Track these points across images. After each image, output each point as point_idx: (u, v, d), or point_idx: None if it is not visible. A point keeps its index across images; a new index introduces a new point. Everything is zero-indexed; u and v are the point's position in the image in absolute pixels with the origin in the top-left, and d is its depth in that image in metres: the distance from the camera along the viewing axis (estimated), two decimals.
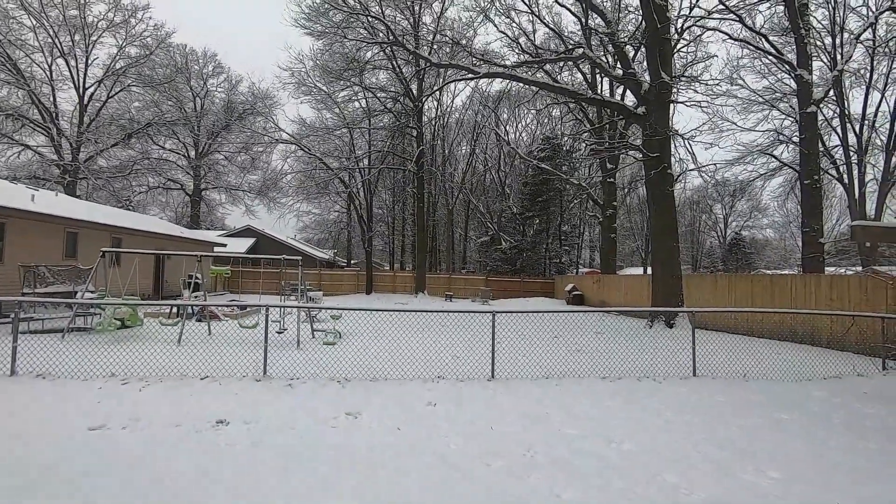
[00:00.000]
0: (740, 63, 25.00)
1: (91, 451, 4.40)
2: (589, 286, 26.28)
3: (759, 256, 48.71)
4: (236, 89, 45.94)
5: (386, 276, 34.80)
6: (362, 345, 10.42)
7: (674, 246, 15.28)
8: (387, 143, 34.45)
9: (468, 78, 20.45)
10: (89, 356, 7.69)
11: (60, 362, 7.36)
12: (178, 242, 24.09)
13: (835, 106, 23.74)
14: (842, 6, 22.98)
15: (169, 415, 5.45)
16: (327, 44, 28.04)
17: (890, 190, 22.62)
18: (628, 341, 11.81)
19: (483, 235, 43.65)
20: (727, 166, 25.53)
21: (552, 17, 27.82)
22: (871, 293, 10.37)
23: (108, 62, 36.74)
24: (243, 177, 47.89)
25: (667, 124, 15.47)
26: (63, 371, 7.09)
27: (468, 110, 42.45)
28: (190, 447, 4.57)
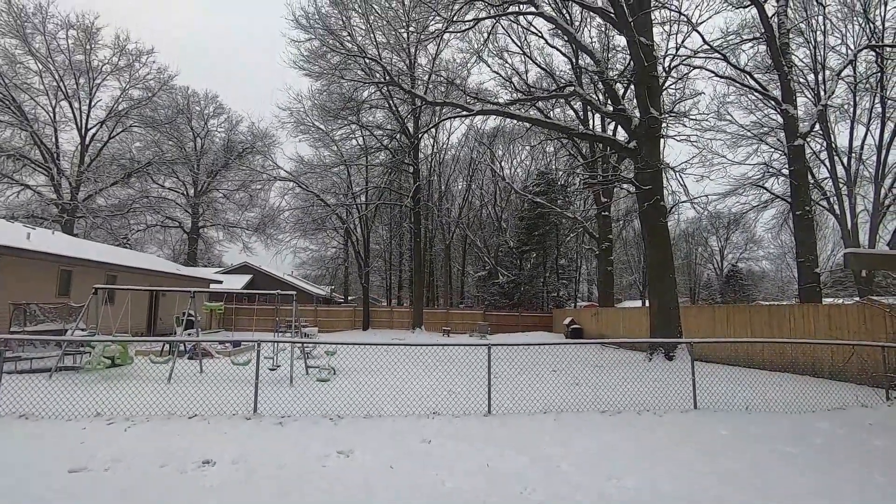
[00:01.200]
0: (727, 99, 25.80)
1: (68, 496, 4.21)
2: (587, 320, 26.08)
3: (757, 288, 48.72)
4: (236, 129, 46.92)
5: (383, 312, 34.53)
6: (357, 381, 10.21)
7: (670, 278, 15.27)
8: (384, 180, 34.90)
9: (463, 115, 20.93)
10: (75, 395, 7.50)
11: (45, 402, 7.16)
12: (174, 280, 23.98)
13: (822, 139, 24.28)
14: (822, 45, 23.90)
15: (153, 455, 5.26)
16: (325, 84, 28.83)
17: (882, 220, 22.85)
18: (627, 374, 11.61)
19: (480, 270, 43.64)
20: (720, 198, 25.87)
21: (543, 57, 28.82)
22: (869, 322, 10.30)
23: (111, 104, 37.64)
24: (241, 214, 48.25)
25: (658, 158, 15.76)
26: (47, 411, 6.89)
27: (464, 147, 43.30)
28: (173, 488, 4.39)
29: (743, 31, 22.71)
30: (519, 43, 27.25)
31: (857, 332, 10.51)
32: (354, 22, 27.74)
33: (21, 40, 32.97)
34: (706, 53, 21.51)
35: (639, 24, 15.66)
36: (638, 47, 15.39)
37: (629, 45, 16.23)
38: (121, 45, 37.06)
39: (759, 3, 19.20)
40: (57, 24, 34.25)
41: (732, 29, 23.58)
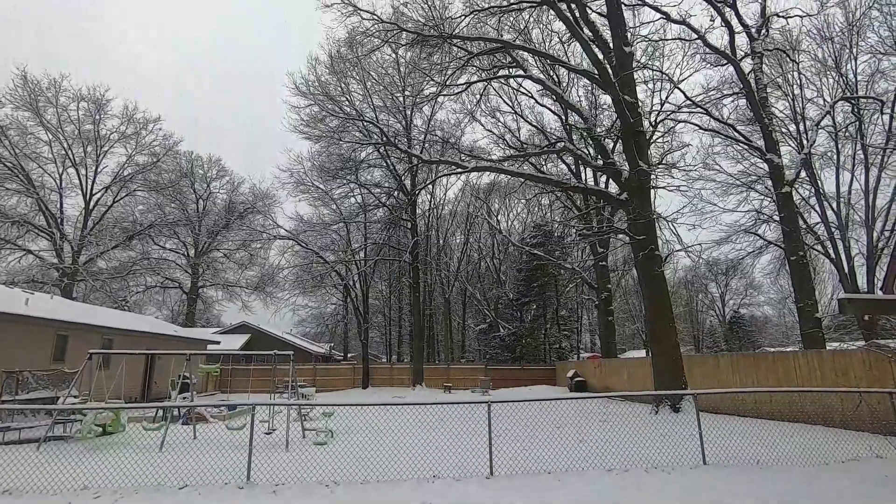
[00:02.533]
0: (714, 150, 26.51)
1: None
2: (591, 372, 25.57)
3: (761, 334, 48.12)
4: (238, 190, 47.97)
5: (383, 369, 33.87)
6: (355, 443, 9.89)
7: (671, 327, 15.15)
8: (382, 236, 35.33)
9: (458, 172, 21.55)
10: (63, 467, 7.24)
11: (31, 476, 6.92)
12: (171, 342, 23.71)
13: (809, 185, 24.87)
14: (799, 97, 25.02)
15: None
16: (324, 146, 29.83)
17: (877, 263, 22.97)
18: (634, 429, 11.27)
19: (481, 323, 43.26)
20: (714, 246, 26.14)
21: (534, 115, 30.03)
22: (875, 368, 10.14)
23: (116, 170, 38.70)
24: (241, 273, 48.37)
25: (649, 209, 16.07)
26: (32, 485, 6.64)
27: (461, 202, 44.18)
28: None
29: (723, 87, 23.88)
30: (510, 103, 28.55)
31: (863, 377, 10.33)
32: (352, 87, 29.17)
33: (34, 112, 34.42)
34: (690, 108, 22.53)
35: (622, 83, 16.47)
36: (623, 105, 16.10)
37: (614, 104, 16.98)
38: (129, 114, 38.67)
39: (734, 61, 20.28)
40: (69, 97, 35.90)
41: (713, 85, 24.82)
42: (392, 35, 19.41)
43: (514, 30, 21.64)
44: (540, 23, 22.98)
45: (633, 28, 21.34)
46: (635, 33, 21.70)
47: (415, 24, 19.29)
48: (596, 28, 17.83)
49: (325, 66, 28.15)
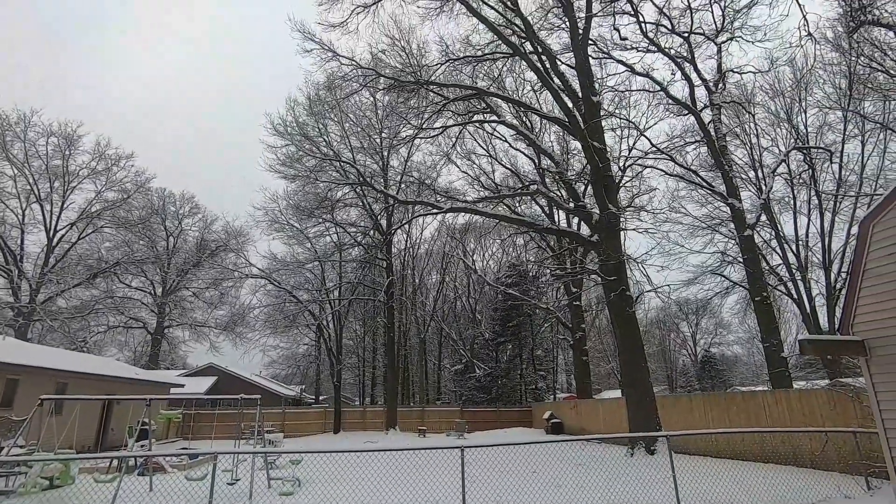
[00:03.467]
0: (680, 194, 27.65)
1: None
2: (567, 413, 25.34)
3: (732, 373, 48.79)
4: (210, 228, 47.19)
5: (355, 413, 32.83)
6: (324, 493, 9.44)
7: (643, 367, 15.28)
8: (357, 275, 35.05)
9: (433, 213, 21.83)
10: None
11: None
12: (131, 385, 22.55)
13: (770, 229, 26.03)
14: (756, 146, 26.55)
15: None
16: (300, 185, 29.86)
17: (836, 303, 23.88)
18: (609, 473, 11.11)
19: (457, 363, 42.71)
20: (683, 286, 26.80)
21: (509, 158, 30.91)
22: (839, 406, 10.38)
23: (84, 206, 37.72)
24: (210, 312, 46.90)
25: (619, 250, 16.49)
26: None
27: (436, 241, 44.45)
28: None
29: (686, 135, 25.16)
30: (485, 146, 29.40)
31: (828, 416, 10.53)
32: (330, 128, 29.60)
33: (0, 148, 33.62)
34: (655, 155, 23.59)
35: (591, 130, 17.21)
36: (592, 151, 16.77)
37: (584, 149, 17.67)
38: (101, 150, 38.11)
39: (695, 112, 21.50)
40: (38, 132, 35.27)
41: (676, 133, 26.14)
42: (370, 80, 19.99)
43: (488, 77, 22.56)
44: (513, 72, 24.06)
45: (600, 79, 22.56)
46: (603, 84, 22.93)
47: (392, 70, 19.94)
48: (565, 78, 18.76)
49: (303, 107, 28.62)
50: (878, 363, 6.40)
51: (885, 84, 21.40)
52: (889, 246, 6.33)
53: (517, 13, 18.58)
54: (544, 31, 20.77)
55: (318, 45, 19.20)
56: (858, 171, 23.79)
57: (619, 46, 22.21)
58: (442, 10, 19.89)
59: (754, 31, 20.69)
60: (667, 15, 21.04)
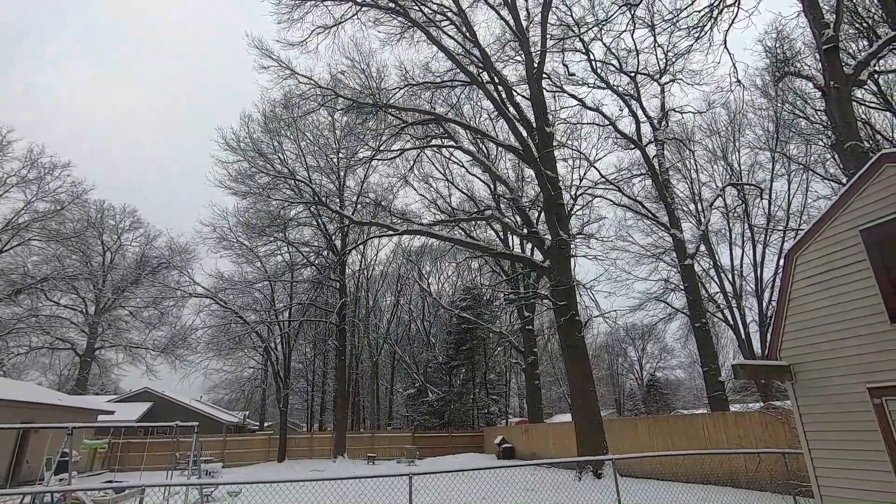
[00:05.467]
0: (627, 223, 29.03)
1: None
2: (518, 437, 25.38)
3: (675, 396, 50.61)
4: (153, 243, 44.73)
5: (302, 440, 31.51)
6: None
7: (591, 391, 15.60)
8: (309, 296, 34.13)
9: (389, 234, 21.72)
10: None
11: None
12: (53, 412, 20.71)
13: (709, 259, 27.64)
14: (696, 181, 28.33)
15: None
16: (252, 202, 29.03)
17: (768, 329, 25.43)
18: (558, 497, 11.16)
19: (410, 387, 42.06)
20: (629, 312, 27.81)
21: (465, 183, 31.42)
22: (770, 428, 10.94)
23: (10, 216, 34.98)
24: (148, 333, 44.07)
25: (569, 275, 16.96)
26: None
27: (392, 263, 44.12)
28: None
29: (633, 168, 26.54)
30: (442, 170, 29.78)
31: (761, 438, 11.08)
32: (286, 146, 29.07)
33: None
34: (604, 185, 24.72)
35: (545, 159, 17.82)
36: (545, 179, 17.33)
37: (537, 177, 18.23)
38: (33, 158, 35.61)
39: (641, 146, 22.73)
40: None
41: (624, 165, 27.61)
42: (329, 100, 19.94)
43: (446, 104, 23.03)
44: (471, 99, 24.69)
45: (553, 111, 23.54)
46: (556, 116, 23.93)
47: (352, 92, 19.99)
48: (520, 109, 19.42)
49: (258, 123, 28.02)
50: (802, 386, 6.82)
51: (807, 129, 23.52)
52: (810, 277, 6.84)
53: (475, 44, 19.19)
54: (501, 62, 21.54)
55: (275, 63, 19.03)
56: (786, 207, 25.81)
57: (572, 81, 23.34)
58: (402, 37, 20.27)
59: (693, 74, 22.31)
60: (615, 54, 22.37)
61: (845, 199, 6.49)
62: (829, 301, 6.48)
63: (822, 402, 6.50)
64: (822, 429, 6.50)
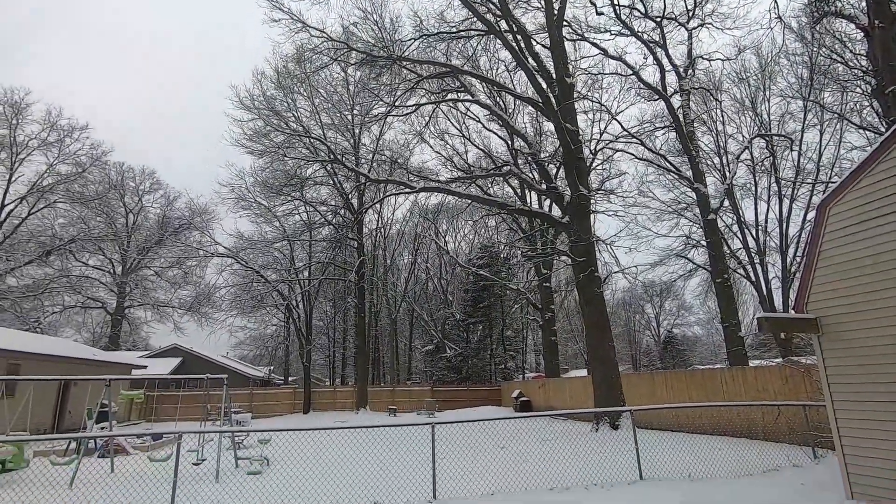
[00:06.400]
0: (648, 178, 28.21)
1: None
2: (535, 391, 25.92)
3: (692, 353, 50.84)
4: (173, 205, 45.43)
5: (325, 393, 32.70)
6: (292, 471, 9.38)
7: (609, 346, 15.69)
8: (327, 255, 34.54)
9: (406, 192, 21.59)
10: None
11: None
12: (89, 366, 21.75)
13: (732, 214, 26.94)
14: (722, 133, 27.26)
15: None
16: (268, 161, 29.01)
17: (790, 286, 25.03)
18: (575, 447, 11.44)
19: (428, 344, 42.96)
20: (649, 268, 27.52)
21: (482, 139, 30.76)
22: (791, 382, 10.92)
23: (34, 179, 35.66)
24: (174, 292, 45.46)
25: (589, 232, 16.75)
26: None
27: (408, 222, 44.15)
28: None
29: (656, 120, 25.59)
30: (458, 126, 29.12)
31: (780, 391, 11.09)
32: (300, 104, 28.69)
33: None
34: (626, 139, 23.92)
35: (565, 112, 17.24)
36: (565, 133, 16.83)
37: (557, 131, 17.71)
38: (52, 120, 35.92)
39: (665, 97, 21.81)
40: None
41: (647, 118, 26.55)
42: (341, 54, 19.38)
43: (462, 56, 22.23)
44: (487, 51, 23.79)
45: (574, 61, 22.56)
46: (576, 66, 22.94)
47: (364, 45, 19.38)
48: (540, 59, 18.65)
49: (271, 80, 27.60)
50: (829, 339, 6.72)
51: (844, 75, 22.19)
52: (843, 228, 6.60)
53: None
54: (519, 9, 20.55)
55: (286, 15, 18.46)
56: (816, 159, 24.77)
57: (594, 29, 22.23)
58: None
59: (724, 18, 21.03)
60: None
61: (886, 147, 6.15)
62: (864, 252, 6.27)
63: (851, 354, 6.41)
64: (848, 381, 6.43)
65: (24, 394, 14.60)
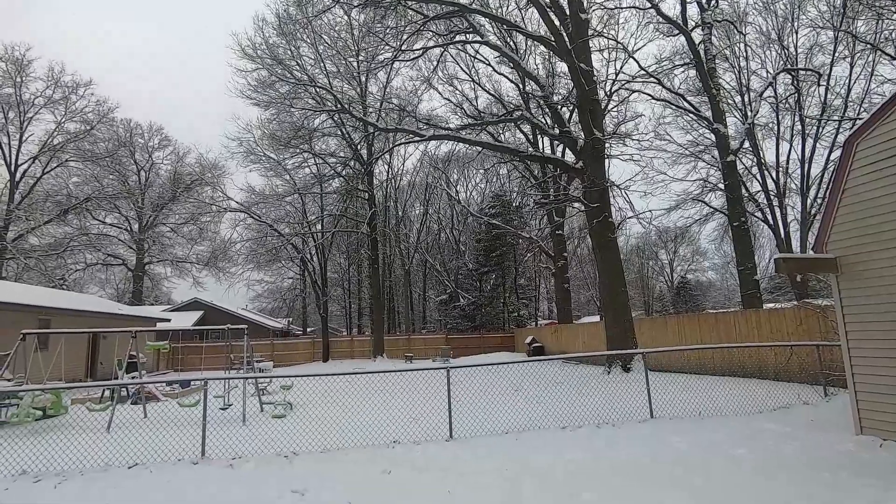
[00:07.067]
0: (665, 120, 27.19)
1: None
2: (548, 337, 26.38)
3: (706, 298, 50.95)
4: (183, 161, 45.39)
5: (343, 342, 33.72)
6: (314, 414, 9.82)
7: (622, 291, 15.72)
8: (339, 207, 34.56)
9: (415, 141, 21.17)
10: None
11: None
12: (115, 320, 22.55)
13: (752, 155, 26.05)
14: (745, 70, 25.89)
15: None
16: (275, 113, 28.52)
17: (809, 228, 24.53)
18: (587, 388, 11.73)
19: (441, 293, 43.58)
20: (664, 213, 27.06)
21: (492, 83, 29.73)
22: (805, 323, 10.91)
23: (44, 138, 35.68)
24: (190, 248, 46.29)
25: (603, 177, 16.39)
26: None
27: (419, 172, 43.66)
28: None
29: (675, 58, 24.30)
30: (467, 70, 28.07)
31: (794, 333, 11.10)
32: (303, 51, 27.76)
33: None
34: (643, 78, 22.84)
35: (578, 51, 16.44)
36: (579, 73, 16.13)
37: (570, 72, 16.98)
38: (55, 77, 35.49)
39: (686, 31, 20.63)
40: None
41: (665, 55, 25.22)
42: None
43: None
44: None
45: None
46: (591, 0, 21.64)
47: None
48: None
49: (272, 27, 26.63)
50: (848, 279, 6.62)
51: (880, 0, 20.64)
52: (872, 164, 6.33)
53: None
54: None
55: None
56: (844, 94, 23.53)
57: None
58: None
59: None
60: None
61: None
62: (894, 188, 6.04)
63: (870, 293, 6.32)
64: (865, 320, 6.38)
65: (57, 347, 15.27)
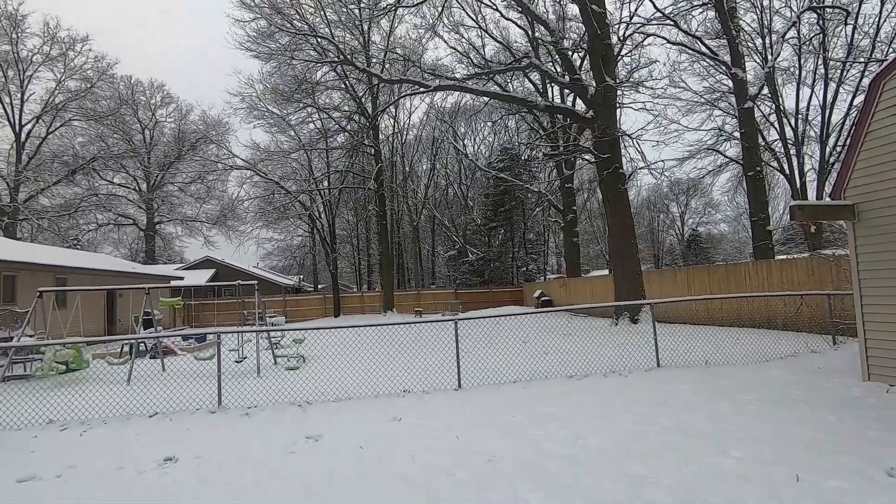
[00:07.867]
0: (681, 66, 26.09)
1: None
2: (557, 291, 26.52)
3: (717, 250, 50.54)
4: (187, 119, 44.82)
5: (354, 298, 34.23)
6: (327, 366, 10.05)
7: (632, 243, 15.59)
8: (345, 163, 34.17)
9: (420, 92, 20.57)
10: (25, 404, 7.10)
11: None
12: (130, 279, 23.01)
13: (770, 102, 25.03)
14: (768, 9, 24.45)
15: (110, 458, 5.03)
16: (276, 66, 27.72)
17: (827, 178, 23.87)
18: (594, 339, 11.84)
19: (450, 249, 43.67)
20: (677, 164, 26.46)
21: (500, 30, 28.41)
22: (817, 273, 10.79)
23: (46, 97, 35.25)
24: (199, 207, 46.49)
25: (614, 126, 15.90)
26: None
27: (425, 126, 42.74)
28: (130, 490, 4.21)
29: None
30: (474, 16, 26.77)
31: (805, 283, 11.01)
32: None
33: None
34: (658, 21, 21.68)
35: None
36: (591, 16, 15.34)
37: (582, 14, 16.17)
38: (51, 32, 34.65)
39: None
40: None
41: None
42: None
43: None
44: None
45: None
46: None
47: None
48: None
49: None
50: (864, 226, 6.45)
51: None
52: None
53: None
54: None
55: None
56: (872, 34, 22.26)
57: None
58: None
59: None
60: None
61: None
62: None
63: (887, 240, 6.17)
64: (879, 267, 6.27)
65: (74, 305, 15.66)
